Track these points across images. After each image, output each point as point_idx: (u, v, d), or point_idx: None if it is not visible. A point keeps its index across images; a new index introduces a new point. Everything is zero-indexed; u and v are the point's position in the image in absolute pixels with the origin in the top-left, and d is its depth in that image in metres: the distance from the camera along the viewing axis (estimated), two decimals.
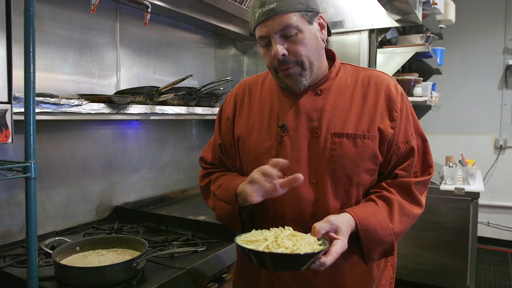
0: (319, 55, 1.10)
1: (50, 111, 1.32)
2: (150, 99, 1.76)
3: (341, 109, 1.10)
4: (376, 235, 1.02)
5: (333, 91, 1.12)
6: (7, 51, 0.97)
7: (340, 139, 1.07)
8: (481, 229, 4.39)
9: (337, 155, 1.07)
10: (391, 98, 1.11)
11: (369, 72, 1.16)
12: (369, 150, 1.07)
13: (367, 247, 1.03)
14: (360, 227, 1.00)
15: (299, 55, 1.05)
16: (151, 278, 1.25)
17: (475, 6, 4.54)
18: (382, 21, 2.55)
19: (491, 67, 4.54)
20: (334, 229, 0.96)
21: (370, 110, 1.10)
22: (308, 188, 1.09)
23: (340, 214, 1.02)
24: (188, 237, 1.65)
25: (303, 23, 1.05)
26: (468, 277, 3.04)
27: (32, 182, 0.98)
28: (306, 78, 1.08)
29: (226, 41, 2.81)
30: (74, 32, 1.77)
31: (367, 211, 1.04)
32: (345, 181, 1.08)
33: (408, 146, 1.12)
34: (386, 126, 1.09)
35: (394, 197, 1.09)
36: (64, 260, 1.26)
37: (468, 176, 3.22)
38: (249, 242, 0.93)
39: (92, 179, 1.88)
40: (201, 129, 2.61)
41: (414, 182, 1.11)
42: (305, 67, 1.07)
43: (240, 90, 1.28)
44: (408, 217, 1.10)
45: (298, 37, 1.04)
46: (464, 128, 4.66)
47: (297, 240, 0.92)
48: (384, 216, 1.05)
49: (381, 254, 1.08)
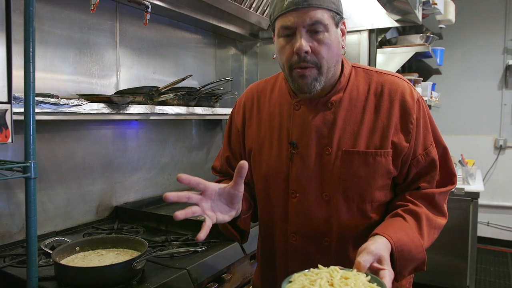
0: (337, 62, 1.05)
1: (50, 111, 1.32)
2: (150, 99, 1.76)
3: (352, 124, 1.05)
4: (409, 254, 0.98)
5: (345, 104, 1.06)
6: (7, 51, 0.97)
7: (351, 156, 1.03)
8: (481, 229, 4.39)
9: (348, 173, 1.03)
10: (406, 109, 1.04)
11: (382, 77, 1.09)
12: (381, 167, 1.03)
13: (399, 266, 0.97)
14: (395, 249, 0.95)
15: (321, 57, 0.99)
16: (151, 278, 1.25)
17: (475, 6, 4.55)
18: (382, 21, 2.55)
19: (491, 67, 4.54)
20: (377, 259, 0.89)
21: (383, 124, 1.04)
22: (320, 205, 1.06)
23: (375, 240, 0.94)
24: (188, 237, 1.65)
25: (332, 24, 0.99)
26: (468, 277, 3.04)
27: (32, 182, 0.98)
28: (320, 83, 1.02)
29: (226, 41, 2.81)
30: (74, 32, 1.77)
31: (400, 230, 0.98)
32: (357, 199, 1.04)
33: (428, 158, 1.06)
34: (400, 139, 1.03)
35: (422, 210, 1.04)
36: (64, 260, 1.26)
37: (468, 176, 3.22)
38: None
39: (92, 179, 1.88)
40: (201, 129, 2.61)
41: (438, 193, 1.07)
42: (323, 71, 1.00)
43: (249, 100, 1.23)
44: (435, 229, 1.07)
45: (325, 37, 0.98)
46: (464, 128, 4.66)
47: (355, 284, 0.82)
48: (415, 233, 1.00)
49: (412, 270, 1.03)
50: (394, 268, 0.96)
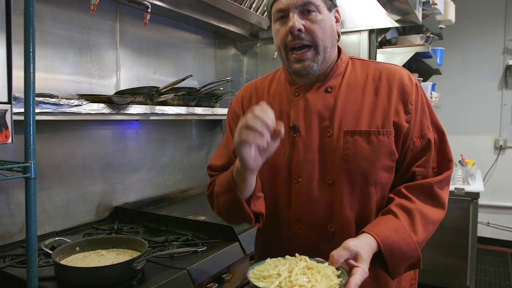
0: (333, 44, 1.07)
1: (50, 111, 1.32)
2: (150, 99, 1.76)
3: (352, 106, 1.06)
4: (401, 252, 0.97)
5: (344, 88, 1.08)
6: (7, 51, 0.97)
7: (353, 137, 1.03)
8: (481, 229, 4.39)
9: (351, 154, 1.03)
10: (406, 90, 1.05)
11: (379, 65, 1.11)
12: (384, 146, 1.03)
13: (392, 265, 0.97)
14: (383, 247, 0.94)
15: (315, 36, 1.02)
16: (151, 279, 1.25)
17: (475, 6, 4.55)
18: (382, 21, 2.55)
19: (491, 67, 4.54)
20: (353, 255, 0.89)
21: (383, 105, 1.05)
22: (323, 189, 1.06)
23: (359, 237, 0.95)
24: (188, 238, 1.65)
25: (323, 6, 1.04)
26: (468, 277, 3.04)
27: (32, 182, 0.98)
28: (318, 63, 1.05)
29: (226, 41, 2.81)
30: (74, 32, 1.77)
31: (389, 228, 0.98)
32: (361, 180, 1.03)
33: (424, 141, 1.06)
34: (401, 120, 1.04)
35: (414, 205, 1.02)
36: (64, 260, 1.26)
37: (468, 176, 3.22)
38: (261, 277, 0.86)
39: (92, 179, 1.88)
40: (201, 129, 2.61)
41: (435, 182, 1.05)
42: (319, 50, 1.03)
43: (247, 93, 1.26)
44: (432, 224, 1.04)
45: (317, 17, 1.03)
46: (464, 128, 4.66)
47: (312, 274, 0.84)
48: (407, 230, 0.99)
49: (407, 268, 1.02)
50: (386, 266, 0.97)
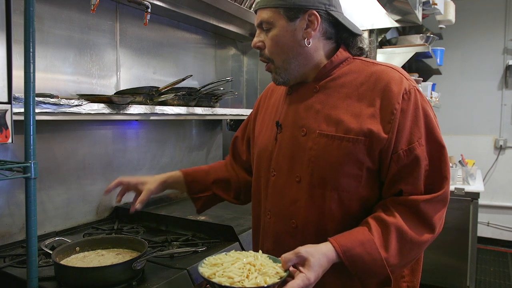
0: (297, 54, 1.07)
1: (50, 111, 1.32)
2: (150, 99, 1.76)
3: (330, 108, 1.05)
4: (364, 266, 0.93)
5: (329, 89, 1.07)
6: (7, 51, 0.97)
7: (323, 139, 1.03)
8: (481, 229, 4.39)
9: (316, 155, 1.03)
10: (389, 98, 0.99)
11: (375, 67, 1.06)
12: (349, 153, 0.99)
13: (358, 277, 0.95)
14: (344, 258, 0.92)
15: (270, 52, 1.09)
16: (151, 279, 1.25)
17: (475, 6, 4.55)
18: (382, 21, 2.55)
19: (491, 67, 4.55)
20: (302, 261, 0.89)
21: (361, 110, 1.01)
22: (291, 186, 1.09)
23: (318, 245, 0.93)
24: (188, 238, 1.65)
25: (279, 19, 1.05)
26: (468, 278, 3.04)
27: (32, 182, 0.98)
28: (281, 75, 1.10)
29: (226, 41, 2.81)
30: (74, 32, 1.77)
31: (354, 239, 0.94)
32: (322, 184, 1.02)
33: (411, 156, 0.97)
34: (378, 129, 0.98)
35: (393, 220, 0.96)
36: (64, 261, 1.26)
37: (468, 176, 3.22)
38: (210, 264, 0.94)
39: (92, 179, 1.88)
40: (201, 129, 2.61)
41: (422, 201, 0.97)
42: (277, 64, 1.09)
43: (265, 92, 1.35)
44: (412, 244, 0.96)
45: (271, 33, 1.07)
46: (464, 128, 4.66)
47: (249, 270, 0.88)
48: (375, 245, 0.93)
49: (379, 284, 0.96)
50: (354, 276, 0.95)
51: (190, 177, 1.38)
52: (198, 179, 1.38)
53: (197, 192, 1.37)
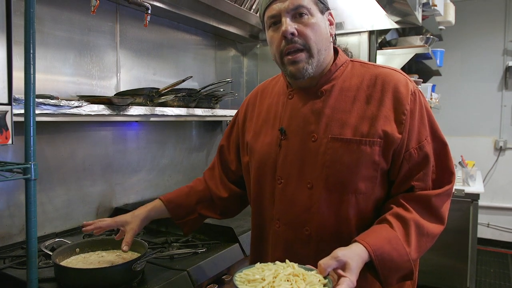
0: (327, 46, 1.07)
1: (50, 112, 1.32)
2: (150, 101, 1.76)
3: (341, 112, 1.05)
4: (392, 263, 0.95)
5: (335, 93, 1.07)
6: (7, 53, 0.97)
7: (337, 144, 1.02)
8: (481, 231, 4.39)
9: (332, 160, 1.02)
10: (399, 99, 1.02)
11: (378, 70, 1.08)
12: (366, 156, 1.01)
13: (384, 275, 0.95)
14: (374, 258, 0.92)
15: (308, 38, 1.02)
16: (151, 280, 1.25)
17: (475, 7, 4.55)
18: (382, 22, 2.55)
19: (491, 68, 4.55)
20: (342, 265, 0.88)
21: (372, 113, 1.02)
22: (303, 193, 1.06)
23: (350, 246, 0.94)
24: (188, 239, 1.65)
25: (315, 9, 1.04)
26: (468, 279, 3.04)
27: (32, 183, 0.98)
28: (312, 66, 1.04)
29: (226, 42, 2.81)
30: (74, 34, 1.77)
31: (381, 237, 0.96)
32: (339, 188, 1.02)
33: (422, 153, 1.02)
34: (392, 130, 1.00)
35: (411, 215, 1.00)
36: (64, 262, 1.26)
37: (468, 178, 3.22)
38: (246, 281, 0.88)
39: (92, 181, 1.88)
40: (201, 130, 2.61)
41: (434, 195, 1.02)
42: (313, 53, 1.03)
43: (253, 96, 1.30)
44: (428, 237, 1.01)
45: (309, 20, 1.02)
46: (464, 129, 4.66)
47: (296, 281, 0.84)
48: (400, 241, 0.96)
49: (400, 279, 0.99)
50: (377, 276, 0.96)
51: (172, 204, 1.31)
52: (181, 203, 1.32)
53: (183, 217, 1.32)
